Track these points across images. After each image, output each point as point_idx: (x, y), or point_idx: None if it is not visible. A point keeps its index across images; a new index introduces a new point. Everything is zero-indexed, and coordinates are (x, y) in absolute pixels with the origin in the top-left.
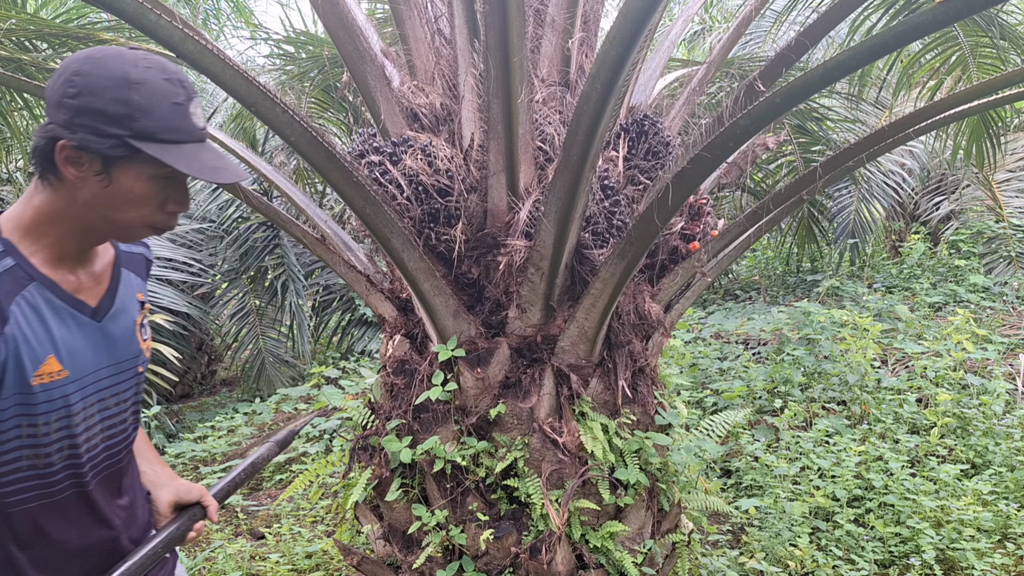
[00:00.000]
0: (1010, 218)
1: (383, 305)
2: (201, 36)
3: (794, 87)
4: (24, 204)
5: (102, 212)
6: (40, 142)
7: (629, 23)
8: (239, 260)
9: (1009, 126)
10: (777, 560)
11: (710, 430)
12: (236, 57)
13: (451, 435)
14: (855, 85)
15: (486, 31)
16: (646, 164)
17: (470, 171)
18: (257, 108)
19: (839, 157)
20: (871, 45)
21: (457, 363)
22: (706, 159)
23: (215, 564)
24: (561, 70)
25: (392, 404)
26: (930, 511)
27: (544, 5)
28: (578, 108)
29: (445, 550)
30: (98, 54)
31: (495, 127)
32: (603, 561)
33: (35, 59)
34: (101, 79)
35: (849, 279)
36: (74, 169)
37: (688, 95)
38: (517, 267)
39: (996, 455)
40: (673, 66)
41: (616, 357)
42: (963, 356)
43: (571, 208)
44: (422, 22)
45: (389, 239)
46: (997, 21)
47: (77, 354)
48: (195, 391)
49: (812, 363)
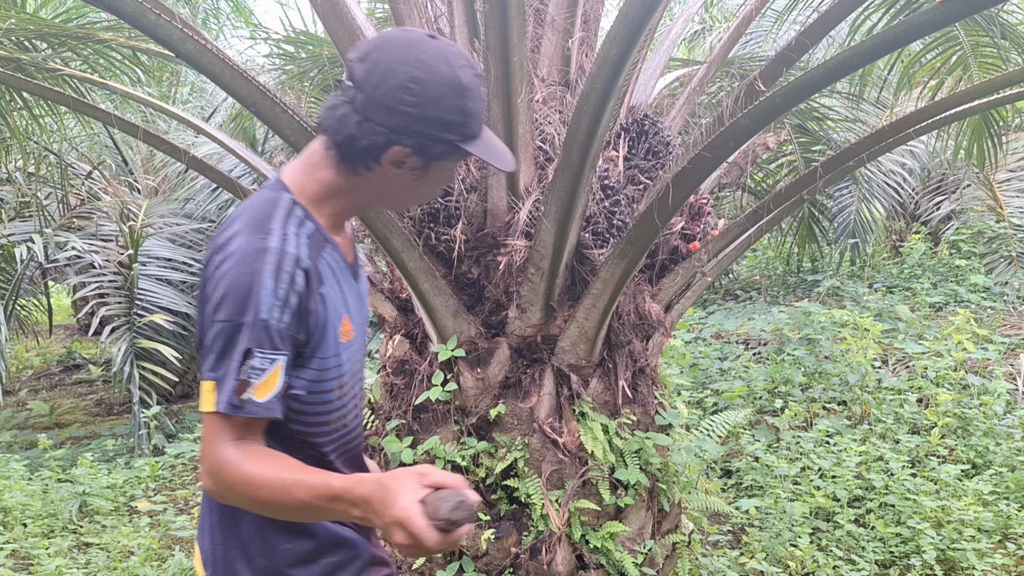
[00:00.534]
0: (1011, 218)
1: (383, 305)
2: (200, 36)
3: (794, 87)
4: (307, 174)
5: (395, 196)
6: (365, 141)
7: (629, 23)
8: None
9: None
10: (777, 560)
11: (710, 430)
12: (236, 57)
13: (451, 435)
14: (856, 85)
15: (486, 31)
16: (646, 164)
17: (470, 171)
18: (257, 108)
19: (840, 157)
20: (872, 44)
21: (457, 363)
22: (706, 159)
23: None
24: (561, 70)
25: (392, 404)
26: (931, 511)
27: (544, 5)
28: (578, 108)
29: None
30: (424, 55)
31: (495, 127)
32: (603, 561)
33: (35, 59)
34: (439, 87)
35: (849, 279)
36: (396, 168)
37: (688, 95)
38: (517, 267)
39: (997, 455)
40: (673, 66)
41: (616, 357)
42: (964, 356)
43: (571, 208)
44: (422, 22)
45: (389, 239)
46: (998, 21)
47: (354, 314)
48: (195, 391)
49: (813, 363)
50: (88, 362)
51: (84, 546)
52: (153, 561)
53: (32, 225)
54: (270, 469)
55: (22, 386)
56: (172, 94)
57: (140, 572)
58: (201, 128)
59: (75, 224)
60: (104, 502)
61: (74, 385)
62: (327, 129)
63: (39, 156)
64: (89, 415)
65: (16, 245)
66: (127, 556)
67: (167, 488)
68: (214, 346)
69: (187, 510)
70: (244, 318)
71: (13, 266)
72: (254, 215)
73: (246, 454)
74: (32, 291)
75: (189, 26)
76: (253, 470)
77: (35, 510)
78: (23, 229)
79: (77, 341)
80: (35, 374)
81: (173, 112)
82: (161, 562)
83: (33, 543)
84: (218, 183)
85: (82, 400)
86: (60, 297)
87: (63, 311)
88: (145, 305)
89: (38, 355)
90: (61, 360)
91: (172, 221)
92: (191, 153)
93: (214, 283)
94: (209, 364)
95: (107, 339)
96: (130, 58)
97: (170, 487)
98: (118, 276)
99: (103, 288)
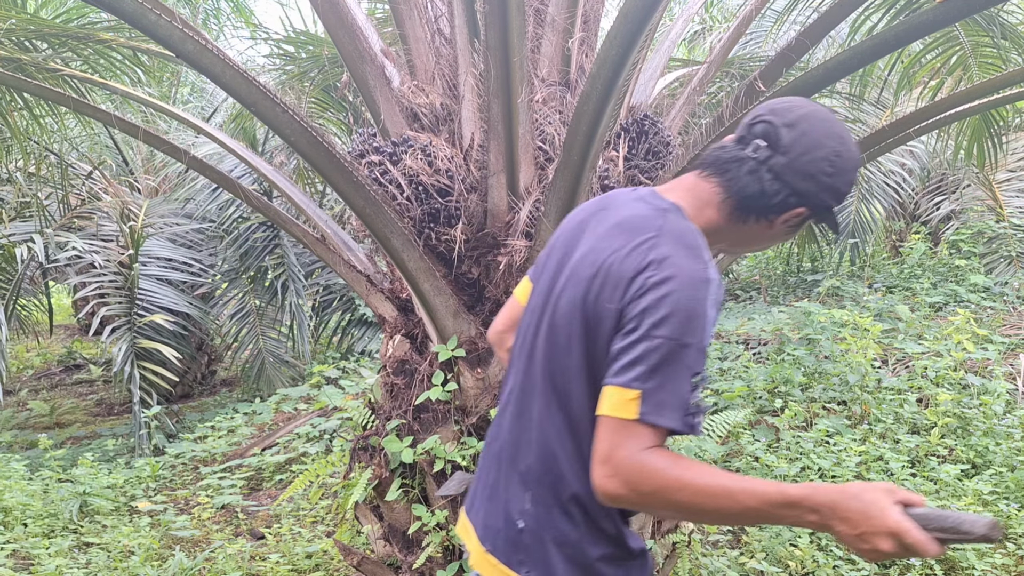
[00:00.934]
0: (1011, 218)
1: (383, 305)
2: (201, 36)
3: (795, 87)
4: (696, 209)
5: (756, 245)
6: (775, 200)
7: (629, 23)
8: (239, 260)
9: (1010, 126)
10: (777, 560)
11: (710, 430)
12: (236, 57)
13: (451, 435)
14: (856, 85)
15: (486, 31)
16: (646, 164)
17: (470, 171)
18: (257, 108)
19: None
20: (872, 45)
21: (457, 363)
22: None
23: (215, 564)
24: (561, 70)
25: (392, 404)
26: None
27: (544, 5)
28: (578, 108)
29: (445, 550)
30: (842, 132)
31: (495, 127)
32: None
33: (35, 59)
34: (849, 162)
35: (849, 279)
36: (783, 226)
37: (688, 95)
38: (517, 267)
39: (996, 455)
40: (673, 66)
41: None
42: (963, 356)
43: (571, 208)
44: (422, 22)
45: (389, 239)
46: (998, 21)
47: None
48: (195, 391)
49: (812, 363)
50: (88, 362)
51: (84, 546)
52: (153, 561)
53: (33, 225)
54: (707, 475)
55: (23, 386)
56: (172, 94)
57: (140, 572)
58: (201, 128)
59: (75, 224)
60: (104, 502)
61: (74, 385)
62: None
63: (40, 156)
64: (89, 415)
65: (17, 245)
66: (127, 556)
67: (167, 488)
68: (648, 358)
69: (187, 510)
70: (690, 340)
71: (14, 266)
72: (683, 240)
73: (673, 460)
74: (33, 291)
75: (189, 26)
76: (687, 476)
77: (35, 510)
78: (24, 229)
79: (77, 341)
80: (35, 374)
81: (173, 112)
82: (161, 562)
83: (33, 543)
84: (218, 183)
85: (82, 400)
86: (60, 297)
87: (63, 311)
88: (145, 305)
89: (38, 355)
90: (61, 360)
91: (172, 221)
92: (191, 153)
93: (652, 299)
94: (637, 374)
95: (107, 339)
96: (130, 58)
97: (170, 487)
98: (118, 276)
99: (103, 288)
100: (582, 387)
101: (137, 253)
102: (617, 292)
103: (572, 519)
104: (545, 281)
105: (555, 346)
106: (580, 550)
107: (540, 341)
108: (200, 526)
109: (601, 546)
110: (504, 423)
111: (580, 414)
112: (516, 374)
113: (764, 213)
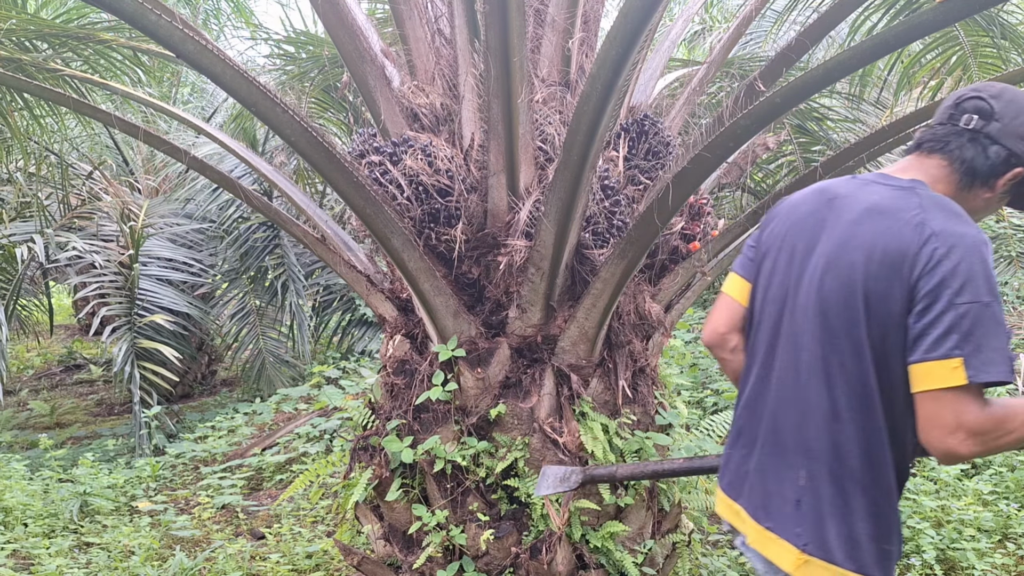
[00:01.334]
0: (1010, 218)
1: (383, 305)
2: (201, 36)
3: (794, 87)
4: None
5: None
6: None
7: (629, 23)
8: (239, 260)
9: None
10: None
11: (711, 430)
12: (236, 57)
13: (451, 435)
14: (856, 85)
15: (486, 31)
16: (646, 164)
17: (470, 171)
18: (257, 108)
19: (839, 157)
20: (872, 45)
21: (457, 363)
22: (706, 159)
23: (215, 564)
24: (561, 70)
25: (392, 404)
26: (930, 511)
27: (544, 5)
28: (578, 108)
29: (445, 550)
30: None
31: (495, 127)
32: (603, 561)
33: (36, 59)
34: None
35: None
36: (1002, 190)
37: (688, 95)
38: (517, 267)
39: (996, 455)
40: (673, 66)
41: (616, 357)
42: None
43: (571, 208)
44: (422, 22)
45: (389, 239)
46: (998, 21)
47: None
48: (195, 391)
49: None
50: (89, 362)
51: (85, 546)
52: (153, 561)
53: (33, 225)
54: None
55: (23, 386)
56: (173, 94)
57: (141, 572)
58: (202, 128)
59: (76, 224)
60: (105, 502)
61: (75, 385)
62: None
63: (40, 156)
64: (90, 415)
65: (17, 245)
66: (128, 556)
67: (168, 488)
68: (959, 326)
69: (187, 510)
70: (989, 298)
71: (14, 266)
72: (950, 208)
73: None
74: (33, 291)
75: (190, 27)
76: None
77: (36, 510)
78: (24, 229)
79: (78, 341)
80: (36, 374)
81: (174, 112)
82: (162, 562)
83: (34, 543)
84: (219, 183)
85: (83, 400)
86: (61, 297)
87: (64, 311)
88: (146, 305)
89: (39, 355)
90: (62, 360)
91: (173, 221)
92: (192, 153)
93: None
94: (953, 343)
95: (108, 339)
96: (131, 59)
97: (171, 487)
98: (119, 276)
99: (104, 288)
100: (867, 363)
101: (137, 253)
102: (902, 270)
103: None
104: (786, 275)
105: (830, 330)
106: (851, 525)
107: (807, 328)
108: (200, 526)
109: (870, 523)
110: (765, 408)
111: (863, 390)
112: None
113: (987, 178)
